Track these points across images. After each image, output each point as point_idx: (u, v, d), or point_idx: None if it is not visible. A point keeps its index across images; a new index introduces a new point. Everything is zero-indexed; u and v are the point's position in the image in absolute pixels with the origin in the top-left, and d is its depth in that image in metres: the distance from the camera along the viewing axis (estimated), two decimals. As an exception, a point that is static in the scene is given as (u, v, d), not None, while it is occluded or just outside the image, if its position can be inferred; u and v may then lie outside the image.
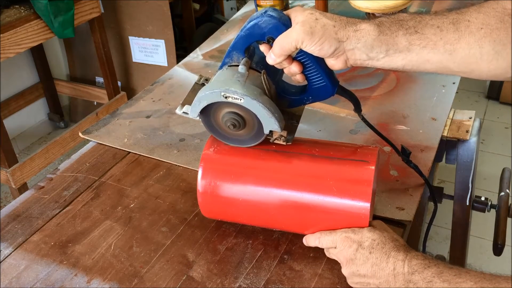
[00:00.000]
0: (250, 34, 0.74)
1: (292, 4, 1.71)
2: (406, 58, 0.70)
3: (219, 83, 0.74)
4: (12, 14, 1.95)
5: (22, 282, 0.80)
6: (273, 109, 0.74)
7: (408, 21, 0.70)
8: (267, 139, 0.79)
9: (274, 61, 0.74)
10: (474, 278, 0.64)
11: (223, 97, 0.73)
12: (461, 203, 1.30)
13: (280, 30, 0.72)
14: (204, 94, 0.75)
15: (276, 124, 0.75)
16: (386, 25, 0.70)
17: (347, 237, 0.75)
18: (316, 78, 0.76)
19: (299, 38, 0.70)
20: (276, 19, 0.72)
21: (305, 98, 0.79)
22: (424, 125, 1.08)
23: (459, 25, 0.67)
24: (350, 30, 0.70)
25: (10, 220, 0.92)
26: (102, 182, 1.00)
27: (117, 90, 2.52)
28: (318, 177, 0.77)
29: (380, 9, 1.22)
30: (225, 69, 0.78)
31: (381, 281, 0.71)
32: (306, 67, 0.75)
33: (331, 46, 0.70)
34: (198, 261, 0.82)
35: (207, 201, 0.82)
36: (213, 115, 0.79)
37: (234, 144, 0.81)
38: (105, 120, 1.18)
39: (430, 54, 0.69)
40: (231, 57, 0.77)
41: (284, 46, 0.71)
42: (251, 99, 0.72)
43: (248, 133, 0.79)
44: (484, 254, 1.94)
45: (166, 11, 2.41)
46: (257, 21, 0.73)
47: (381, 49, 0.70)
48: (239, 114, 0.76)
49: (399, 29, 0.69)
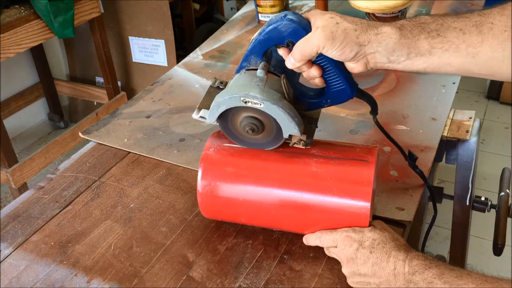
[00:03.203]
0: (269, 38, 0.73)
1: (292, 4, 1.71)
2: (427, 61, 0.69)
3: (238, 88, 0.74)
4: (12, 14, 1.95)
5: (22, 282, 0.80)
6: (293, 114, 0.73)
7: (430, 24, 0.69)
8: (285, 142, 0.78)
9: (293, 65, 0.73)
10: (476, 280, 0.64)
11: (242, 102, 0.73)
12: (461, 203, 1.30)
13: (300, 34, 0.71)
14: (223, 99, 0.74)
15: (296, 128, 0.74)
16: (407, 28, 0.69)
17: (348, 236, 0.75)
18: (335, 81, 0.75)
19: (320, 43, 0.69)
20: (296, 23, 0.71)
21: (323, 101, 0.78)
22: (424, 125, 1.08)
23: (482, 27, 0.66)
24: (371, 33, 0.69)
25: (10, 220, 0.92)
26: (102, 182, 1.00)
27: (117, 90, 2.52)
28: (318, 177, 0.77)
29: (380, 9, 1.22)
30: (243, 73, 0.77)
31: (381, 281, 0.71)
32: (326, 70, 0.74)
33: (352, 50, 0.69)
34: (198, 261, 0.82)
35: (207, 201, 0.82)
36: (231, 120, 0.78)
37: (252, 147, 0.81)
38: (105, 120, 1.18)
39: (452, 58, 0.68)
40: (249, 61, 0.77)
41: (304, 51, 0.71)
42: (271, 104, 0.72)
43: (266, 137, 0.78)
44: (484, 254, 1.94)
45: (166, 11, 2.41)
46: (277, 25, 0.72)
47: (402, 52, 0.69)
48: (258, 119, 0.76)
49: (421, 32, 0.68)
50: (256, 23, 1.60)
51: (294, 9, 1.67)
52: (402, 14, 1.27)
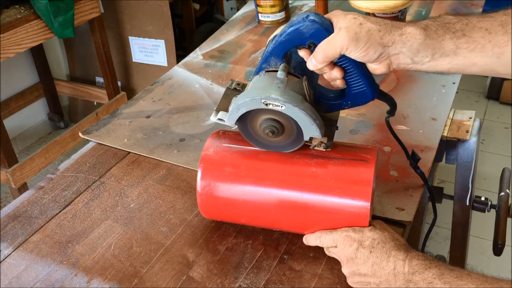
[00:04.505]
0: (291, 39, 0.73)
1: (292, 4, 1.70)
2: (452, 62, 0.69)
3: (258, 90, 0.73)
4: (12, 14, 1.95)
5: (22, 282, 0.80)
6: (315, 116, 0.73)
7: (455, 24, 0.68)
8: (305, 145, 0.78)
9: (315, 67, 0.72)
10: (476, 281, 0.64)
11: (263, 104, 0.72)
12: (461, 203, 1.30)
13: (322, 35, 0.70)
14: (244, 101, 0.73)
15: (317, 130, 0.73)
16: (432, 28, 0.68)
17: (347, 236, 0.75)
18: (356, 83, 0.74)
19: (343, 45, 0.68)
20: (318, 24, 0.70)
21: (343, 103, 0.77)
22: (424, 125, 1.08)
23: (507, 27, 0.65)
24: (395, 34, 0.69)
25: (10, 220, 0.92)
26: (102, 182, 1.00)
27: (117, 90, 2.52)
28: (317, 177, 0.77)
29: (380, 9, 1.22)
30: (263, 75, 0.76)
31: (381, 280, 0.71)
32: (347, 72, 0.73)
33: (376, 51, 0.69)
34: (198, 261, 0.82)
35: (206, 202, 0.82)
36: (250, 122, 0.77)
37: (271, 150, 0.80)
38: (105, 120, 1.18)
39: (478, 58, 0.67)
40: (268, 62, 0.76)
41: (327, 53, 0.70)
42: (292, 106, 0.71)
43: (286, 139, 0.78)
44: (484, 254, 1.94)
45: (166, 11, 2.41)
46: (299, 26, 0.71)
47: (427, 53, 0.68)
48: (278, 121, 0.75)
49: (446, 33, 0.68)
50: (256, 23, 1.60)
51: (294, 9, 1.67)
52: (402, 14, 1.27)
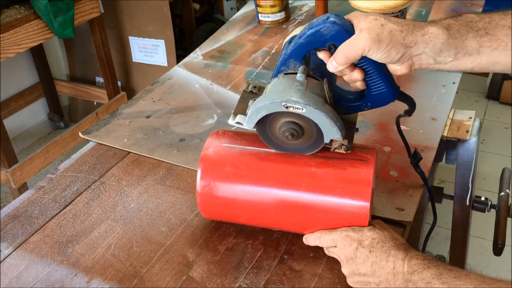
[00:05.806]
0: (311, 41, 0.72)
1: (292, 4, 1.70)
2: (475, 61, 0.68)
3: (278, 93, 0.72)
4: (12, 14, 1.95)
5: (22, 282, 0.80)
6: (336, 118, 0.72)
7: (477, 23, 0.67)
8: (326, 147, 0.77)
9: (335, 69, 0.72)
10: (474, 281, 0.64)
11: (283, 107, 0.71)
12: (461, 203, 1.30)
13: (343, 37, 0.70)
14: (264, 104, 0.72)
15: (338, 133, 0.73)
16: (454, 27, 0.68)
17: (347, 235, 0.75)
18: (377, 84, 0.74)
19: (365, 46, 0.68)
20: (339, 25, 0.70)
21: (363, 104, 0.77)
22: (424, 125, 1.08)
23: None
24: (417, 34, 0.68)
25: (10, 220, 0.92)
26: (102, 182, 1.00)
27: (117, 90, 2.52)
28: (317, 176, 0.77)
29: (380, 9, 1.22)
30: (282, 78, 0.75)
31: (381, 280, 0.71)
32: (368, 73, 0.73)
33: (398, 52, 0.68)
34: (198, 261, 0.82)
35: (206, 201, 0.82)
36: (269, 125, 0.76)
37: (290, 152, 0.79)
38: (105, 120, 1.19)
39: (501, 56, 0.67)
40: (287, 64, 0.75)
41: (349, 55, 0.69)
42: (313, 108, 0.70)
43: (305, 142, 0.77)
44: (484, 254, 1.94)
45: (166, 11, 2.41)
46: (319, 28, 0.70)
47: (449, 53, 0.68)
48: (298, 124, 0.74)
49: (468, 32, 0.67)
50: (256, 23, 1.60)
51: (294, 9, 1.67)
52: (402, 14, 1.27)
